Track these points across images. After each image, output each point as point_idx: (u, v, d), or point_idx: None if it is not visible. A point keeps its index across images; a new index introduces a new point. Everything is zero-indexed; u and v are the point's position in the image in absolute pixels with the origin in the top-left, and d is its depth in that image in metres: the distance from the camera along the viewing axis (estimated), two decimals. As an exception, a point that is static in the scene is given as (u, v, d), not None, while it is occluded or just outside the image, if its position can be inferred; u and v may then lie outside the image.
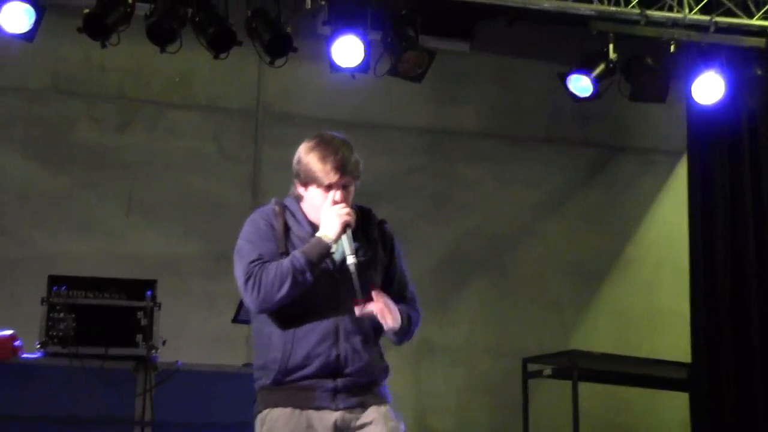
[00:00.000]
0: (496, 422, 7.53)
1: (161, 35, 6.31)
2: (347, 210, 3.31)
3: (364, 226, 3.43)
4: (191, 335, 7.00)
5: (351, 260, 3.26)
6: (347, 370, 3.28)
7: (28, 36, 6.25)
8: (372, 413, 3.31)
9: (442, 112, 8.22)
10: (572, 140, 8.46)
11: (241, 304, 5.54)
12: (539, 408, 7.33)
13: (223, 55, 6.52)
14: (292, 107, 7.93)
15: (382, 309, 3.29)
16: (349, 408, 3.29)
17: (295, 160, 3.42)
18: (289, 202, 3.45)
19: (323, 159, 3.33)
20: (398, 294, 3.44)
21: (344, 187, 3.34)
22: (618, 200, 8.50)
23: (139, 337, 5.07)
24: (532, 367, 7.12)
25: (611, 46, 6.85)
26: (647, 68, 7.01)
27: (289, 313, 3.29)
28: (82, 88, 7.58)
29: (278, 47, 6.49)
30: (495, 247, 8.09)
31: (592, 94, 6.95)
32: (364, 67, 6.72)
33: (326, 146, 3.36)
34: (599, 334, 8.08)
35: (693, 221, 7.53)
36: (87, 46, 6.72)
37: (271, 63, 6.61)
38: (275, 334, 3.31)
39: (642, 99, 7.16)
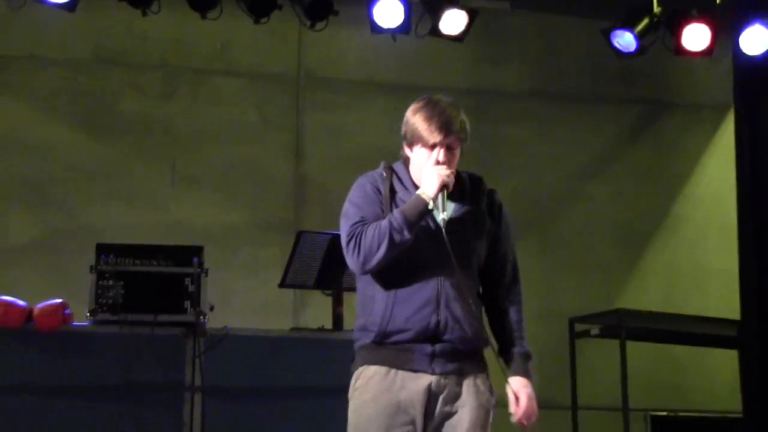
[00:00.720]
0: (544, 382, 7.47)
1: (202, 2, 6.33)
2: (447, 170, 3.30)
3: (472, 193, 3.42)
4: (238, 303, 7.05)
5: (441, 217, 3.26)
6: (446, 337, 3.27)
7: (69, 6, 6.29)
8: (466, 384, 3.31)
9: (484, 73, 8.16)
10: (617, 98, 8.36)
11: (287, 269, 5.57)
12: (587, 368, 7.30)
13: (263, 20, 6.52)
14: (334, 72, 7.91)
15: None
16: (445, 373, 3.29)
17: (403, 122, 3.41)
18: (397, 166, 3.45)
19: (429, 118, 3.33)
20: (499, 269, 3.42)
21: (449, 149, 3.33)
22: (664, 158, 8.39)
23: (187, 304, 5.09)
24: (580, 327, 7.09)
25: (655, 0, 6.74)
26: (692, 21, 6.88)
27: (391, 275, 3.30)
28: (125, 58, 7.61)
29: (318, 10, 6.48)
30: (540, 208, 8.04)
31: (635, 50, 6.86)
32: (404, 28, 6.68)
33: (433, 107, 3.35)
34: (647, 294, 8.02)
35: (741, 177, 7.41)
36: (128, 15, 6.75)
37: (312, 27, 6.59)
38: (378, 295, 3.32)
39: (687, 54, 7.04)
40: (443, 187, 3.28)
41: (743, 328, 7.21)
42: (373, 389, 3.29)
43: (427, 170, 3.32)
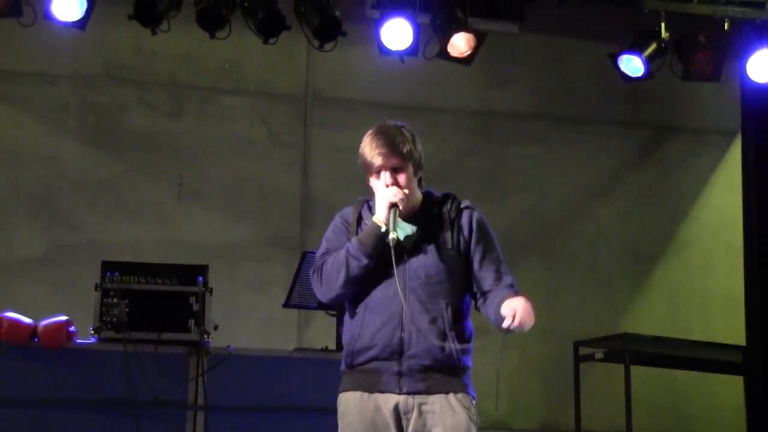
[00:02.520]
0: (548, 405, 7.50)
1: (211, 21, 6.36)
2: (395, 191, 3.33)
3: (440, 210, 3.44)
4: (243, 320, 7.07)
5: (390, 236, 3.28)
6: (411, 352, 3.29)
7: (80, 24, 6.33)
8: (439, 402, 3.31)
9: (492, 95, 8.18)
10: (624, 121, 8.37)
11: (292, 289, 5.58)
12: (591, 391, 7.29)
13: (272, 40, 6.54)
14: (341, 91, 7.93)
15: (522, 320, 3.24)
16: (414, 392, 3.30)
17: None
18: (371, 198, 3.49)
19: (370, 144, 3.41)
20: (483, 276, 3.41)
21: (394, 170, 3.37)
22: (671, 181, 8.39)
23: (192, 322, 5.10)
24: (584, 351, 7.08)
25: (663, 25, 6.76)
26: (700, 47, 6.90)
27: (358, 298, 3.38)
28: (134, 75, 7.65)
29: (327, 31, 6.49)
30: (547, 229, 8.04)
31: (643, 75, 6.87)
32: (413, 51, 6.70)
33: (376, 133, 3.42)
34: (652, 317, 8.01)
35: (747, 202, 7.42)
36: (138, 33, 6.79)
37: (320, 47, 6.62)
38: (349, 320, 3.43)
39: (695, 78, 7.06)
40: (392, 206, 3.32)
41: (748, 354, 7.19)
42: (350, 414, 3.37)
43: (377, 194, 3.39)
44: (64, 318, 5.02)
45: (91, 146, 7.50)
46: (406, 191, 3.37)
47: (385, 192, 3.35)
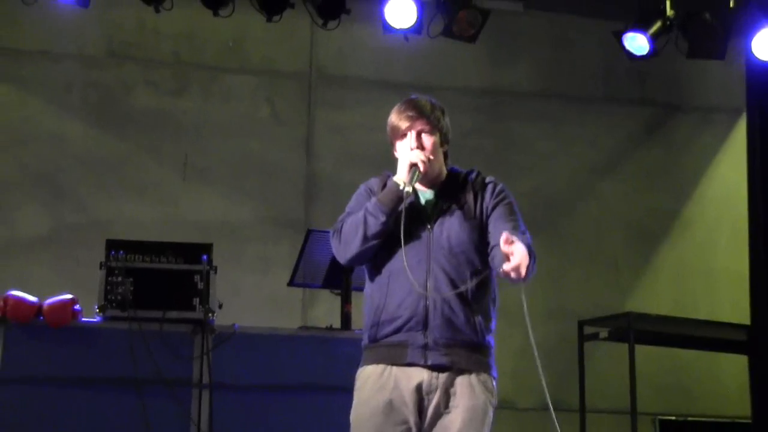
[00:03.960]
0: (552, 385, 7.44)
1: (214, -1, 6.33)
2: (418, 152, 3.36)
3: (463, 183, 3.45)
4: (247, 299, 7.07)
5: (405, 189, 3.30)
6: (435, 322, 3.27)
7: (83, 2, 6.31)
8: (461, 383, 3.29)
9: (496, 73, 8.16)
10: (629, 99, 8.35)
11: (296, 268, 5.58)
12: (596, 371, 7.30)
13: (275, 18, 6.52)
14: (345, 70, 7.91)
15: (516, 267, 3.14)
16: (438, 367, 3.28)
17: None
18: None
19: (398, 110, 3.46)
20: (502, 226, 3.34)
21: (420, 135, 3.41)
22: (676, 159, 8.38)
23: (196, 301, 5.10)
24: (589, 330, 7.08)
25: (668, 3, 6.72)
26: (705, 24, 6.86)
27: (382, 267, 3.36)
28: (138, 54, 7.64)
29: (331, 9, 6.48)
30: (552, 207, 8.03)
31: (648, 53, 6.84)
32: (417, 29, 6.68)
33: (405, 101, 3.48)
34: (656, 295, 8.01)
35: (752, 180, 7.40)
36: (141, 11, 6.78)
37: (324, 25, 6.60)
38: (374, 291, 3.40)
39: (700, 56, 7.02)
40: (413, 166, 3.33)
41: (753, 333, 7.19)
42: (368, 390, 3.33)
43: (401, 156, 3.41)
44: (69, 296, 5.02)
45: (95, 125, 7.50)
46: (431, 157, 3.38)
47: (408, 153, 3.37)
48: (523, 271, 3.12)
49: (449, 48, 7.28)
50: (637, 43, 6.84)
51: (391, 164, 3.59)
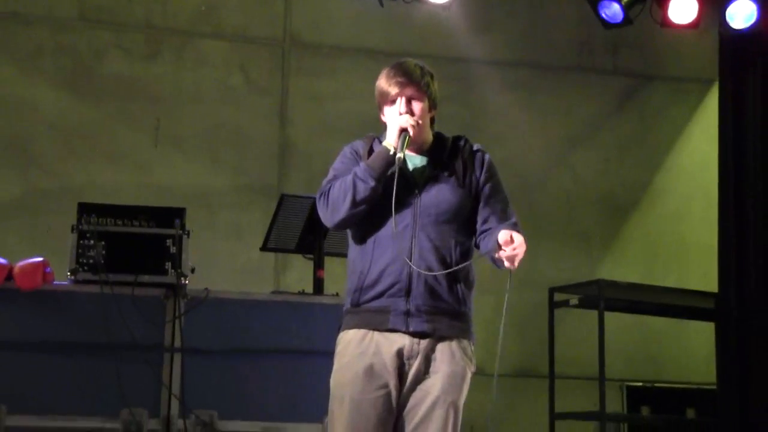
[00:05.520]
0: (523, 351, 7.57)
1: (187, -37, 6.28)
2: (407, 117, 3.35)
3: (451, 150, 3.44)
4: (219, 265, 7.06)
5: (397, 155, 3.29)
6: (418, 289, 3.28)
7: (54, -36, 6.24)
8: (441, 349, 3.31)
9: (471, 41, 8.13)
10: (603, 69, 8.37)
11: (269, 232, 5.58)
12: (565, 337, 7.36)
13: (249, -17, 6.47)
14: (320, 37, 7.88)
15: (512, 256, 3.21)
16: (419, 334, 3.29)
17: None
18: (382, 135, 3.47)
19: (387, 74, 3.43)
20: (490, 214, 3.42)
21: (410, 100, 3.39)
22: (648, 130, 8.42)
23: (168, 265, 5.09)
24: (559, 297, 7.13)
25: (642, -28, 6.74)
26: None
27: (368, 233, 3.36)
28: (110, 18, 7.57)
29: (305, -25, 6.43)
30: (524, 176, 8.05)
31: (622, 21, 6.86)
32: (391, -6, 6.66)
33: (394, 65, 3.45)
34: (627, 266, 8.07)
35: (723, 151, 7.45)
36: (113, -25, 6.71)
37: (298, -9, 6.56)
38: (357, 256, 3.39)
39: (673, 26, 7.05)
40: (403, 131, 3.33)
41: (720, 301, 7.27)
42: (349, 354, 3.33)
43: (389, 121, 3.40)
44: (40, 259, 5.00)
45: (66, 90, 7.44)
46: (420, 121, 3.38)
47: (398, 118, 3.36)
48: (517, 263, 3.20)
49: (424, 15, 7.27)
50: (611, 11, 6.86)
51: (365, 132, 3.59)
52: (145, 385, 5.00)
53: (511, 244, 3.20)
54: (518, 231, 3.32)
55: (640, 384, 7.66)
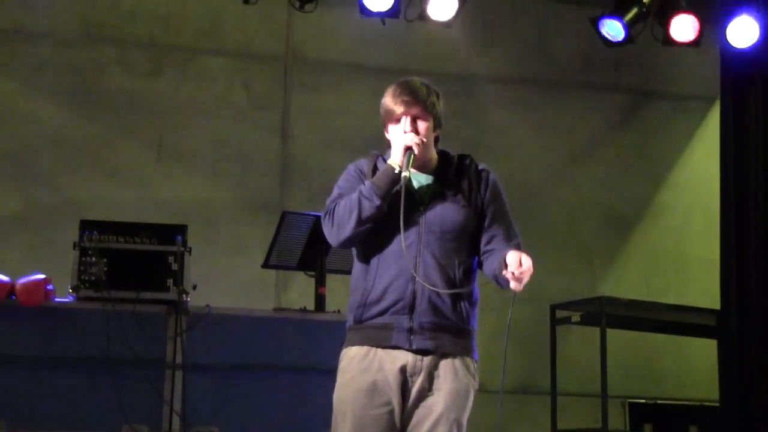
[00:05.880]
0: (524, 368, 7.55)
1: (190, -20, 6.30)
2: (412, 136, 3.36)
3: (457, 169, 3.45)
4: (221, 281, 7.06)
5: (402, 174, 3.29)
6: (422, 307, 3.29)
7: (58, -19, 6.27)
8: (444, 366, 3.32)
9: (473, 58, 8.15)
10: (605, 86, 8.39)
11: (271, 249, 5.58)
12: (567, 354, 7.35)
13: (252, 0, 6.49)
14: (322, 53, 7.90)
15: (519, 278, 3.23)
16: (422, 351, 3.29)
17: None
18: (387, 153, 3.49)
19: (393, 93, 3.43)
20: (493, 236, 3.43)
21: (415, 119, 3.40)
22: (650, 146, 8.43)
23: (170, 282, 5.10)
24: (561, 314, 7.12)
25: (644, -11, 6.76)
26: (681, 12, 6.90)
27: (372, 250, 3.36)
28: (113, 34, 7.58)
29: (307, -8, 6.45)
30: (526, 193, 8.06)
31: (624, 39, 6.87)
32: (393, 12, 6.68)
33: (400, 83, 3.46)
34: (628, 281, 8.07)
35: (725, 168, 7.45)
36: (116, -8, 6.73)
37: (301, 8, 6.58)
38: (361, 272, 3.40)
39: (675, 43, 7.06)
40: (408, 149, 3.34)
41: (722, 318, 7.26)
42: (352, 370, 3.33)
43: (394, 140, 3.41)
44: (41, 276, 5.01)
45: (69, 106, 7.45)
46: (424, 140, 3.38)
47: (403, 137, 3.37)
48: (523, 285, 3.23)
49: (426, 32, 7.29)
50: (613, 28, 6.87)
51: (366, 148, 3.61)
52: (147, 401, 5.01)
53: (519, 267, 3.21)
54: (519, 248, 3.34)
55: (643, 401, 7.64)
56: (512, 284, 3.23)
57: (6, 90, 7.36)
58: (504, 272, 3.24)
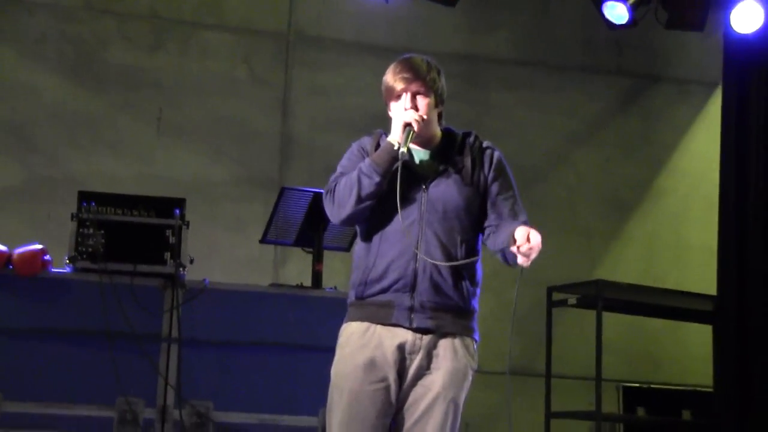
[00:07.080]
0: (520, 350, 7.57)
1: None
2: (412, 112, 3.34)
3: (460, 146, 3.43)
4: (219, 257, 7.07)
5: (400, 149, 3.28)
6: (423, 286, 3.29)
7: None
8: (444, 345, 3.31)
9: (475, 39, 8.14)
10: (607, 69, 8.37)
11: (269, 225, 5.58)
12: (563, 337, 7.36)
13: (254, -24, 6.47)
14: (324, 31, 7.87)
15: (528, 252, 3.21)
16: (423, 330, 3.30)
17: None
18: (389, 130, 3.47)
19: (394, 70, 3.43)
20: (499, 212, 3.41)
21: (416, 95, 3.39)
22: (651, 130, 8.42)
23: (167, 255, 5.10)
24: (557, 296, 7.12)
25: (648, -27, 6.73)
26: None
27: (374, 228, 3.36)
28: (115, 7, 7.56)
29: (310, -32, 6.43)
30: (527, 175, 8.02)
31: (627, 22, 6.85)
32: (397, -9, 6.67)
33: (401, 61, 3.45)
34: (627, 265, 8.07)
35: (725, 153, 7.44)
36: (119, -37, 6.70)
37: (304, -16, 6.55)
38: (363, 250, 3.40)
39: (679, 27, 7.05)
40: (407, 125, 3.33)
41: (719, 303, 7.27)
42: (351, 346, 3.34)
43: (394, 116, 3.39)
44: (38, 246, 5.01)
45: (70, 78, 7.43)
46: (425, 117, 3.37)
47: (402, 114, 3.36)
48: (530, 261, 3.21)
49: (429, 12, 7.26)
50: (616, 11, 6.85)
51: (367, 127, 3.60)
52: (142, 374, 5.02)
53: (527, 242, 3.19)
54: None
55: (637, 385, 7.65)
56: (520, 259, 3.21)
57: (7, 61, 7.34)
58: (512, 247, 3.22)
